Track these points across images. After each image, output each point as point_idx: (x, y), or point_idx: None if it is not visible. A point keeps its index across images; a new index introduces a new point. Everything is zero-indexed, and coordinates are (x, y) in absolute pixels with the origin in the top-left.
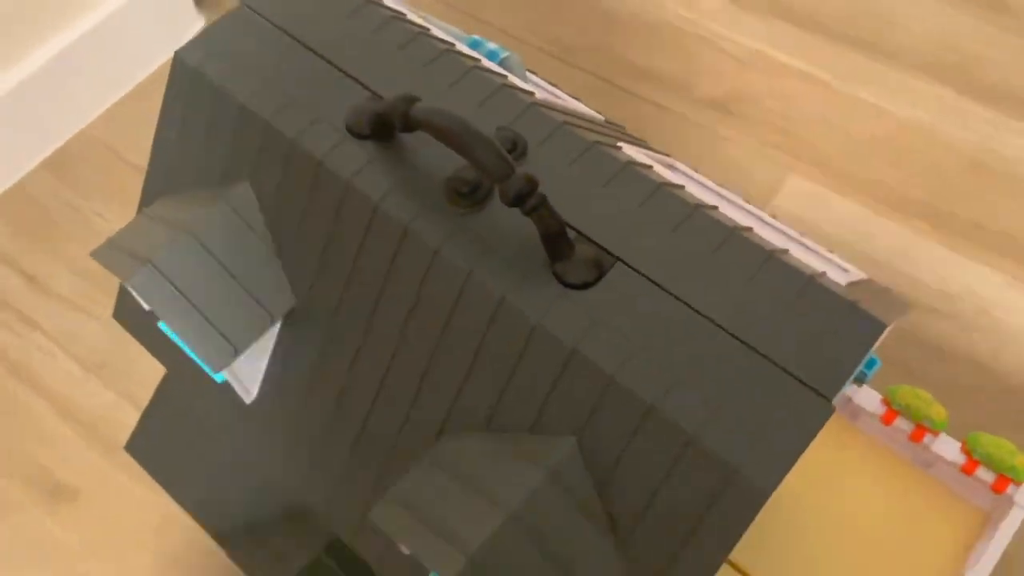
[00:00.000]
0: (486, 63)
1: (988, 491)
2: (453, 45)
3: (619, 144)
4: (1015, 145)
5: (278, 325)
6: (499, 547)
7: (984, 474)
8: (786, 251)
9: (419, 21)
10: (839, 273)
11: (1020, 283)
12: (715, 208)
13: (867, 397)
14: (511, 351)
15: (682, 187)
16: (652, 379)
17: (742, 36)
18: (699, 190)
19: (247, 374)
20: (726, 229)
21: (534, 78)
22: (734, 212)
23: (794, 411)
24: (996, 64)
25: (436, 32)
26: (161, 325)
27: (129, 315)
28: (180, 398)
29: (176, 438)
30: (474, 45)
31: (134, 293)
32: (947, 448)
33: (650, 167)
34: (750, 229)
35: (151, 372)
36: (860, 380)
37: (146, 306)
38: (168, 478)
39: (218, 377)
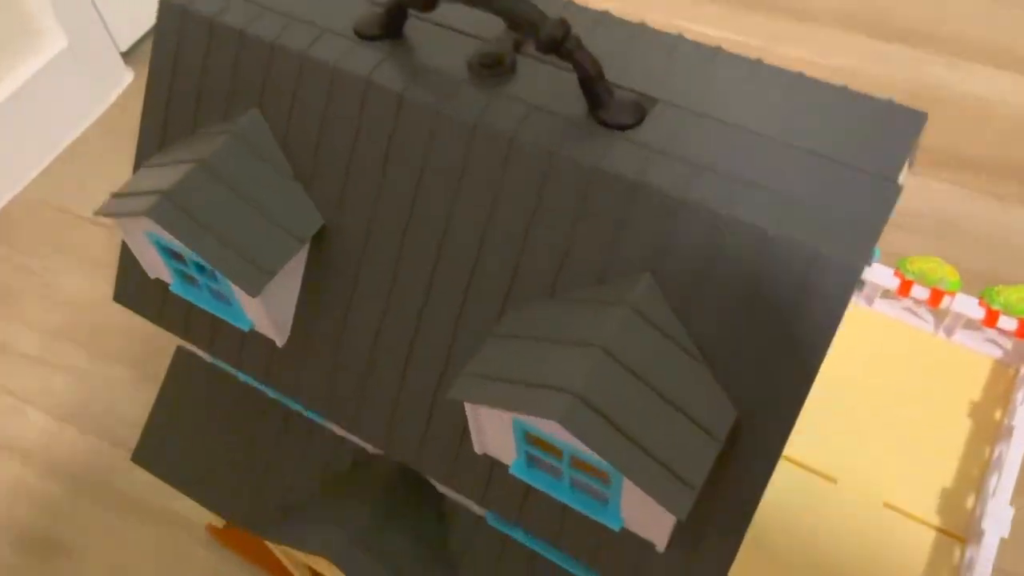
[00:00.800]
0: None
1: (1012, 339)
2: None
3: None
4: (934, 74)
5: (306, 250)
6: (602, 383)
7: (1006, 323)
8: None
9: None
10: None
11: (974, 192)
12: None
13: (881, 273)
14: (569, 203)
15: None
16: (720, 191)
17: (664, 16)
18: None
19: (278, 311)
20: (751, 60)
21: None
22: None
23: (864, 196)
24: (902, 8)
25: None
26: (173, 288)
27: (132, 294)
28: (192, 388)
29: (190, 434)
30: None
31: (148, 234)
32: (966, 305)
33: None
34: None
35: (129, 407)
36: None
37: (160, 244)
38: (185, 480)
39: (245, 324)
